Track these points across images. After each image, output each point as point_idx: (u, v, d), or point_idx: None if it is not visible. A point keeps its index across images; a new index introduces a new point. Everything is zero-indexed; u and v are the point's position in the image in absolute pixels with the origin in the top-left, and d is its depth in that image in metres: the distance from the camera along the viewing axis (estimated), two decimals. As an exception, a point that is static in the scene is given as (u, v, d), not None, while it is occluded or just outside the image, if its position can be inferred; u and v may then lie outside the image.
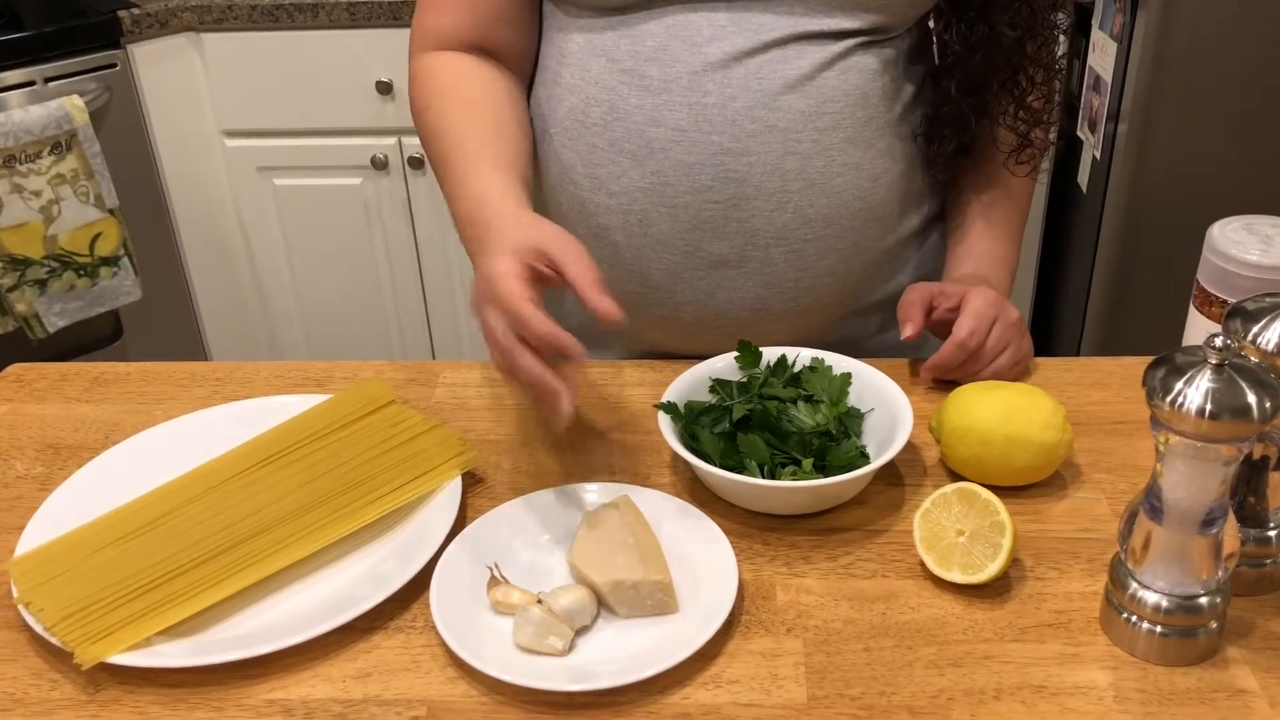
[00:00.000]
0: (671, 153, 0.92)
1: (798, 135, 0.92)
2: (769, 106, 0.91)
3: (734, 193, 0.93)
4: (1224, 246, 0.80)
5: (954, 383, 0.94)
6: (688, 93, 0.91)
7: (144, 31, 2.07)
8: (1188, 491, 0.66)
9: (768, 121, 0.91)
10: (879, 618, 0.74)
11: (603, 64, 0.93)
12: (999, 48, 0.95)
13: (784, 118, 0.92)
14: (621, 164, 0.94)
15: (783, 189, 0.93)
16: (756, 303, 0.97)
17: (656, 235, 0.95)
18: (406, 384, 1.00)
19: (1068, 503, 0.84)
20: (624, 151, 0.93)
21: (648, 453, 0.90)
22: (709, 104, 0.91)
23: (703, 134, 0.91)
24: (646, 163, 0.93)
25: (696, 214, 0.94)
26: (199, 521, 0.80)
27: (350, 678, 0.71)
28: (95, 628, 0.71)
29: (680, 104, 0.91)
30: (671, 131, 0.92)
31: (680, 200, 0.93)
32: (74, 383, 1.02)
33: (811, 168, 0.93)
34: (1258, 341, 0.68)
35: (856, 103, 0.93)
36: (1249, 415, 0.62)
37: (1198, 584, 0.69)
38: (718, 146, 0.91)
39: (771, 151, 0.92)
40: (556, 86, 0.97)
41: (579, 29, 0.95)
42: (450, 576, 0.76)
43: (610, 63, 0.93)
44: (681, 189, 0.93)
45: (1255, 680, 0.68)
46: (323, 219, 2.29)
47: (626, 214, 0.95)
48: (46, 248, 1.98)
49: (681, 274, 0.96)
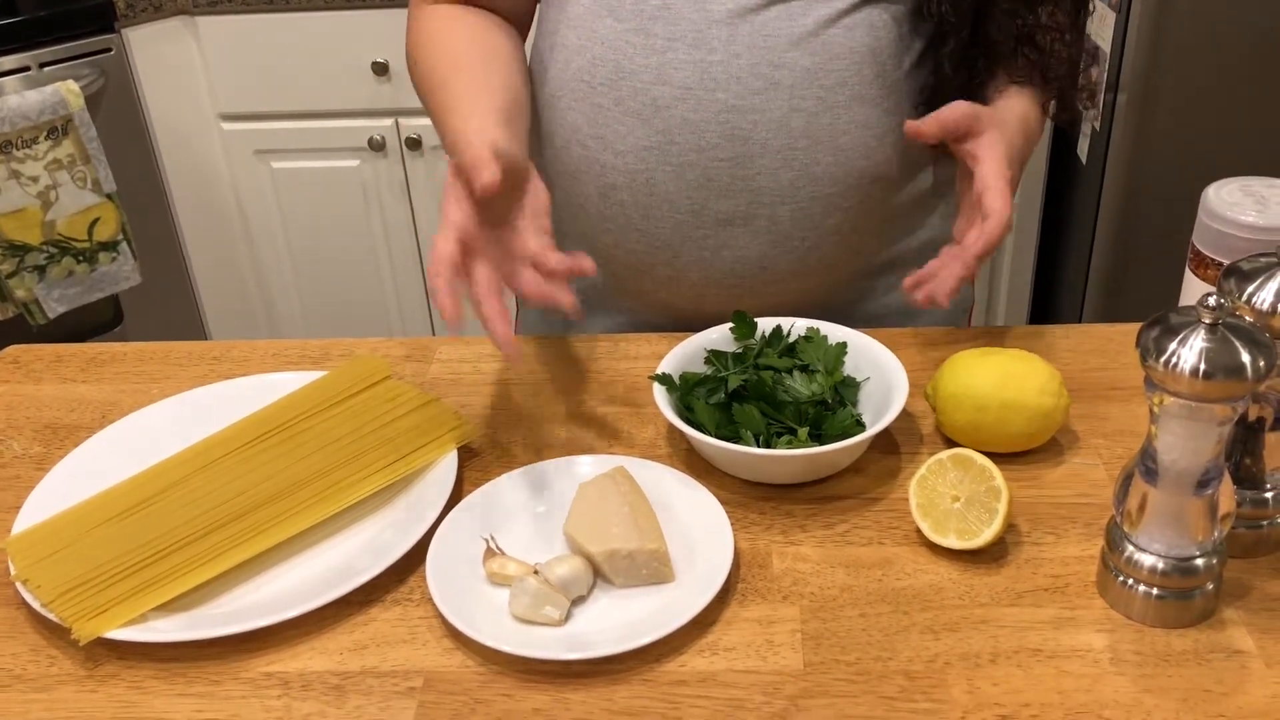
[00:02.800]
0: (677, 111, 0.92)
1: (803, 93, 0.92)
2: (774, 64, 0.91)
3: (740, 150, 0.92)
4: (1219, 208, 0.79)
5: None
6: (693, 50, 0.91)
7: (138, 15, 2.07)
8: (1182, 453, 0.66)
9: (773, 79, 0.91)
10: (875, 584, 0.74)
11: (609, 24, 0.93)
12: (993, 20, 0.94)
13: (789, 75, 0.91)
14: (628, 123, 0.93)
15: (788, 146, 0.93)
16: (763, 261, 0.97)
17: (663, 194, 0.95)
18: (403, 360, 1.00)
19: (1064, 468, 0.83)
20: (630, 111, 0.93)
21: (644, 424, 0.90)
22: (714, 61, 0.91)
23: (708, 91, 0.91)
24: (652, 121, 0.93)
25: (703, 172, 0.93)
26: (195, 498, 0.80)
27: (347, 650, 0.71)
28: (92, 604, 0.71)
29: (685, 61, 0.91)
30: (677, 89, 0.91)
31: (686, 159, 0.93)
32: (70, 363, 1.02)
33: (817, 125, 0.93)
34: (1252, 301, 0.68)
35: (862, 60, 0.93)
36: (1243, 374, 0.62)
37: (1194, 545, 0.69)
38: (723, 104, 0.91)
39: (777, 109, 0.92)
40: (562, 49, 0.97)
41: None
42: (447, 549, 0.76)
43: (616, 22, 0.93)
44: (687, 147, 0.93)
45: (1252, 641, 0.68)
46: (321, 201, 2.28)
47: (633, 173, 0.95)
48: (45, 234, 1.98)
49: (688, 233, 0.96)
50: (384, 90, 2.15)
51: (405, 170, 2.23)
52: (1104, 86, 1.90)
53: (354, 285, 2.38)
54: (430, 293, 0.81)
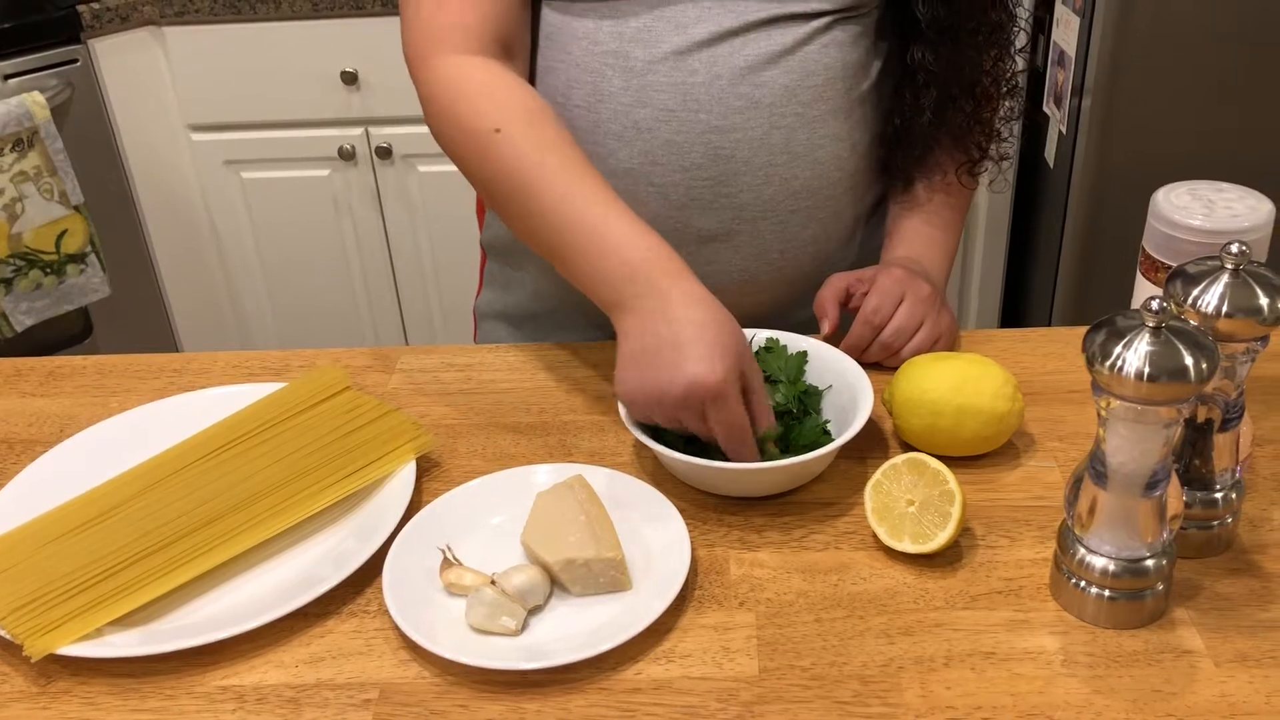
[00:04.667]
0: (659, 133, 0.92)
1: (782, 109, 0.93)
2: (754, 83, 0.92)
3: (722, 169, 0.93)
4: (1168, 212, 0.80)
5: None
6: (674, 72, 0.91)
7: (104, 26, 2.06)
8: (1130, 455, 0.67)
9: (753, 98, 0.92)
10: (831, 589, 0.74)
11: (583, 46, 0.93)
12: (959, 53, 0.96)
13: (768, 93, 0.92)
14: (608, 145, 0.94)
15: (769, 163, 0.94)
16: (744, 275, 0.98)
17: (646, 213, 0.94)
18: (364, 370, 1.00)
19: (1020, 471, 0.84)
20: (610, 133, 0.93)
21: (607, 433, 0.90)
22: (695, 83, 0.91)
23: (690, 113, 0.92)
24: (634, 144, 0.93)
25: (686, 191, 0.94)
26: (150, 512, 0.79)
27: (303, 663, 0.71)
28: (45, 620, 0.71)
29: (666, 84, 0.91)
30: (659, 112, 0.92)
31: (669, 179, 0.94)
32: (29, 377, 1.01)
33: (796, 140, 0.94)
34: (1198, 305, 0.68)
35: (837, 75, 0.94)
36: (1186, 377, 0.62)
37: (1143, 547, 0.69)
38: (705, 125, 0.92)
39: (757, 126, 0.92)
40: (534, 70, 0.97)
41: (555, 10, 0.94)
42: (404, 560, 0.76)
43: (591, 44, 0.93)
44: (670, 168, 0.93)
45: (1201, 640, 0.69)
46: (291, 211, 2.28)
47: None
48: (11, 246, 1.96)
49: None
50: (354, 99, 2.15)
51: (376, 179, 2.23)
52: (1070, 90, 1.91)
53: (326, 294, 2.37)
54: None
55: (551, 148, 0.85)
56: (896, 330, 0.93)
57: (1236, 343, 0.69)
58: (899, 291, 0.94)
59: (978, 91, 0.98)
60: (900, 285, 0.94)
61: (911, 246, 1.02)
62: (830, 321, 0.95)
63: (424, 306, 2.38)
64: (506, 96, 0.88)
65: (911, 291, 0.94)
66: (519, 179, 0.85)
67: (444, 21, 0.90)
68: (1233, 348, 0.69)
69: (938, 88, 0.96)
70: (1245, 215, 0.78)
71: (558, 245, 0.85)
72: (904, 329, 0.93)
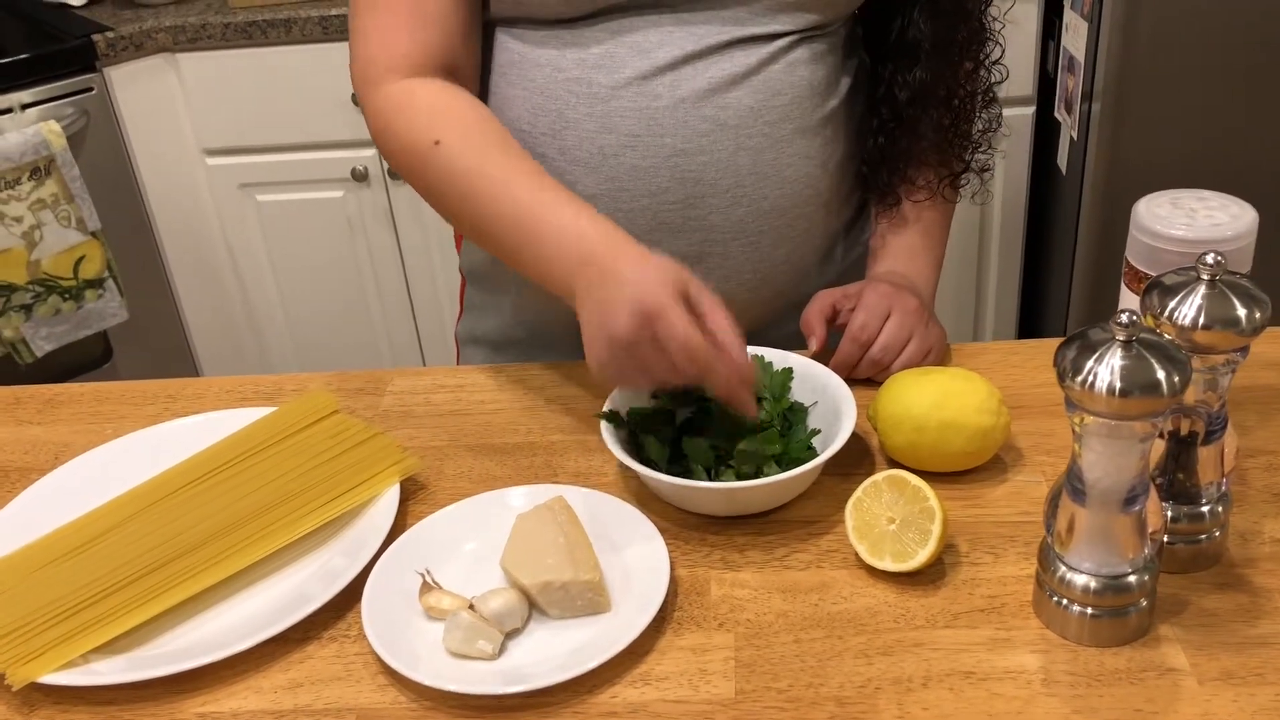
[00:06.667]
0: (625, 158, 0.92)
1: (748, 130, 0.92)
2: (718, 104, 0.91)
3: (689, 192, 0.93)
4: (1149, 222, 0.79)
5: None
6: (637, 97, 0.91)
7: (119, 55, 2.09)
8: (1106, 470, 0.66)
9: (718, 119, 0.91)
10: (811, 609, 0.74)
11: (546, 74, 0.93)
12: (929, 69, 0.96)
13: (733, 114, 0.92)
14: (574, 172, 0.94)
15: (737, 184, 0.93)
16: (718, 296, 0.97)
17: None
18: (355, 394, 1.00)
19: (1007, 486, 0.83)
20: (575, 160, 0.93)
21: (591, 455, 0.90)
22: (659, 107, 0.91)
23: (655, 137, 0.91)
24: (600, 170, 0.93)
25: (654, 216, 0.94)
26: (134, 539, 0.80)
27: (282, 688, 0.71)
28: (27, 648, 0.72)
29: (630, 110, 0.91)
30: (624, 137, 0.92)
31: (637, 204, 0.93)
32: (27, 405, 1.03)
33: (763, 161, 0.93)
34: (1174, 317, 0.67)
35: (802, 94, 0.94)
36: (1159, 391, 0.62)
37: (1124, 563, 0.68)
38: (671, 148, 0.92)
39: (723, 148, 0.92)
40: (497, 98, 0.97)
41: (514, 38, 0.95)
42: (383, 584, 0.76)
43: (555, 71, 0.93)
44: (637, 193, 0.93)
45: (1185, 658, 0.68)
46: (307, 233, 2.30)
47: None
48: (30, 273, 1.99)
49: None
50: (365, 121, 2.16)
51: (389, 199, 2.24)
52: (1080, 96, 1.90)
53: (342, 314, 2.39)
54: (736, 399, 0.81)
55: (489, 151, 0.88)
56: (884, 346, 0.92)
57: (1216, 354, 0.68)
58: (885, 306, 0.93)
59: (955, 105, 0.97)
60: (886, 300, 0.93)
61: (897, 260, 1.01)
62: (818, 339, 0.94)
63: (439, 326, 2.39)
64: (447, 110, 0.90)
65: (898, 306, 0.93)
66: (461, 186, 0.88)
67: (392, 51, 0.93)
68: (1213, 359, 0.68)
69: (913, 102, 0.96)
70: (1227, 224, 0.77)
71: (506, 244, 0.87)
72: (892, 344, 0.92)
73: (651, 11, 0.91)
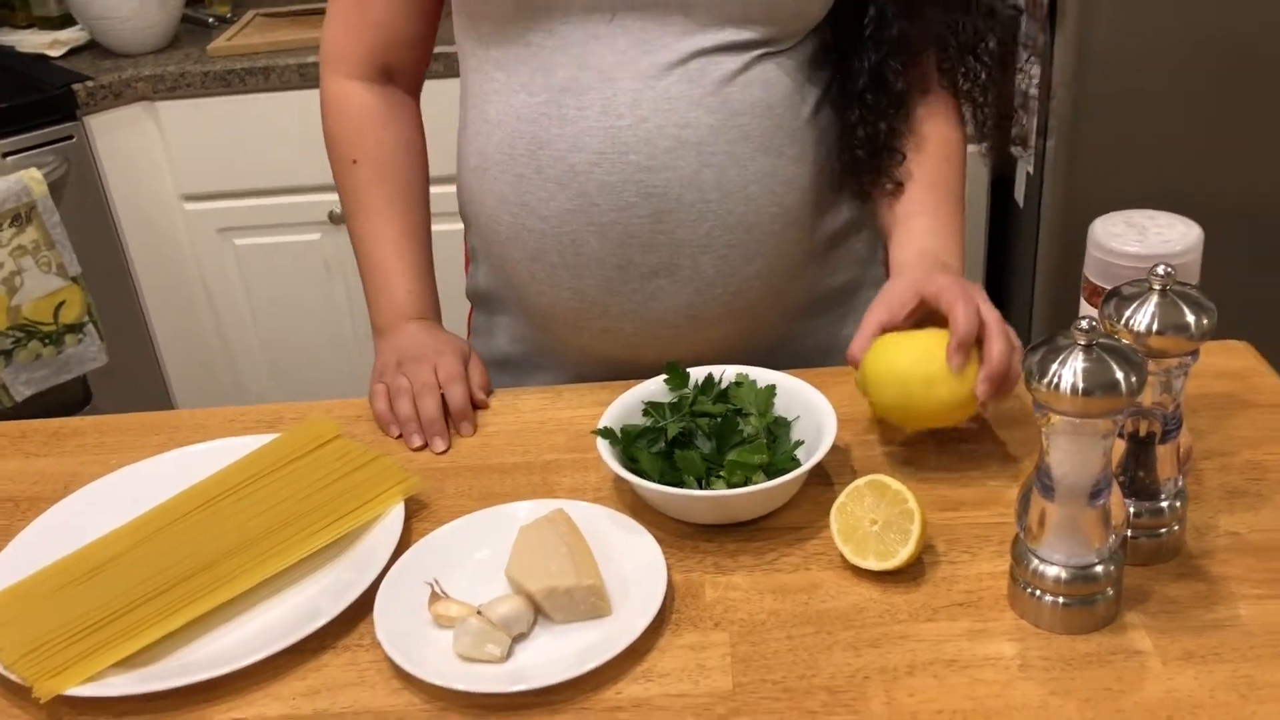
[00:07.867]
0: (593, 175, 0.97)
1: (710, 148, 0.97)
2: (680, 124, 0.97)
3: (656, 207, 0.98)
4: (1104, 240, 0.85)
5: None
6: (602, 118, 0.97)
7: (99, 103, 2.12)
8: (1072, 466, 0.71)
9: (680, 138, 0.97)
10: (801, 607, 0.78)
11: (522, 98, 0.99)
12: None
13: (695, 133, 0.97)
14: (549, 189, 0.99)
15: (701, 200, 0.98)
16: (690, 309, 1.02)
17: (589, 253, 1.00)
18: (355, 419, 1.04)
19: (982, 491, 0.88)
20: (550, 178, 0.99)
21: (587, 471, 0.94)
22: (623, 126, 0.96)
23: (620, 155, 0.97)
24: (571, 186, 0.98)
25: (624, 229, 0.99)
26: (150, 559, 0.83)
27: (300, 695, 0.74)
28: (52, 663, 0.74)
29: (596, 129, 0.97)
30: (592, 155, 0.97)
31: (607, 218, 0.98)
32: (33, 439, 1.05)
33: (726, 178, 0.98)
34: (1130, 324, 0.73)
35: (762, 114, 0.99)
36: (1118, 390, 0.67)
37: (1092, 553, 0.73)
38: (635, 165, 0.97)
39: (686, 166, 0.97)
40: (484, 123, 1.03)
41: (495, 65, 1.01)
42: (393, 595, 0.80)
43: (529, 96, 0.99)
44: (607, 207, 0.98)
45: (1150, 641, 0.73)
46: (285, 276, 2.33)
47: (559, 235, 1.00)
48: (10, 318, 2.01)
49: (617, 288, 1.01)
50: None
51: (366, 241, 2.28)
52: (1034, 131, 1.98)
53: (321, 356, 2.42)
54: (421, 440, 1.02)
55: (386, 188, 1.12)
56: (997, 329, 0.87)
57: (1169, 358, 0.74)
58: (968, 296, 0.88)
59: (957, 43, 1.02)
60: (959, 287, 0.88)
61: (923, 239, 1.01)
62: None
63: (416, 364, 2.42)
64: (375, 130, 1.12)
65: (966, 289, 0.89)
66: (353, 206, 1.13)
67: (339, 44, 1.12)
68: (1166, 363, 0.74)
69: (905, 53, 1.00)
70: (1176, 240, 0.83)
71: (362, 265, 1.14)
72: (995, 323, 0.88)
73: (606, 32, 0.95)
